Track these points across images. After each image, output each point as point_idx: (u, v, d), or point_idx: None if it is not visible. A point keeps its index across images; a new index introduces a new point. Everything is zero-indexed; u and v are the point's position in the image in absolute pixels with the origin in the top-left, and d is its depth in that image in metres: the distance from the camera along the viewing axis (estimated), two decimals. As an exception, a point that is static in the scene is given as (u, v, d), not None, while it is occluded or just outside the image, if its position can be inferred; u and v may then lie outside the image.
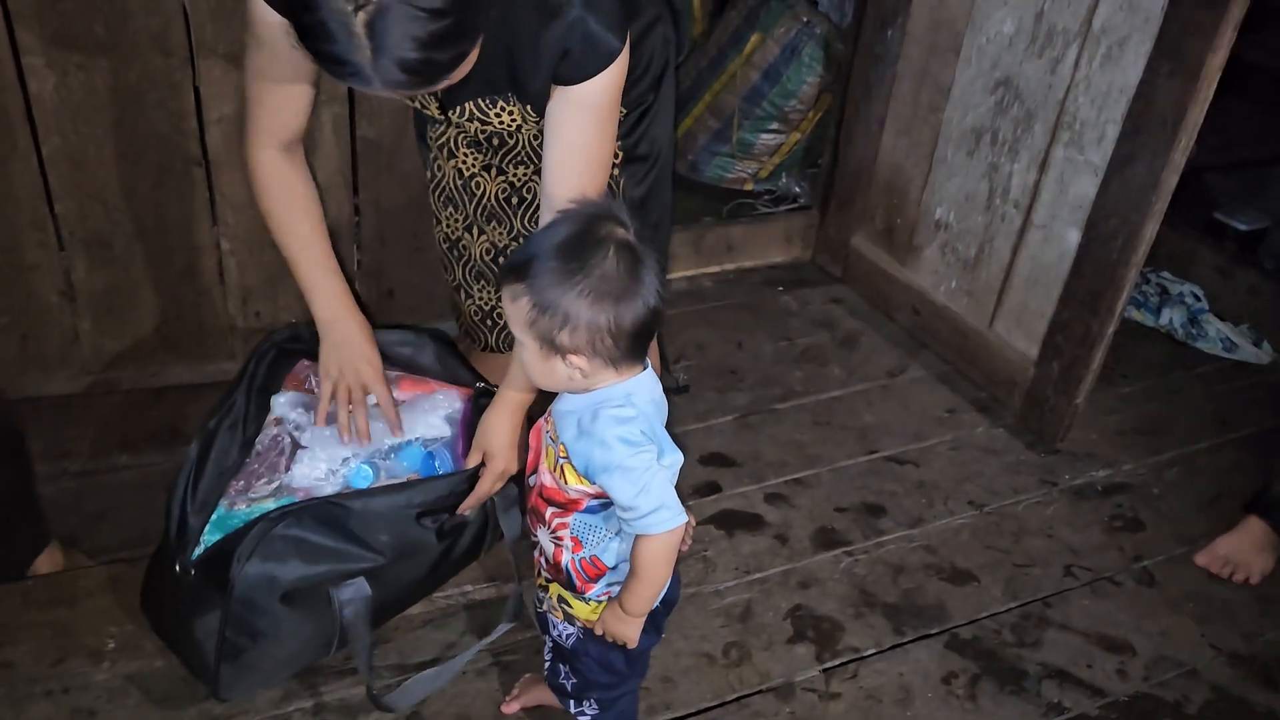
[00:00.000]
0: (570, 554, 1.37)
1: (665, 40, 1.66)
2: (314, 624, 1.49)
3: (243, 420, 1.51)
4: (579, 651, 1.47)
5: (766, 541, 2.07)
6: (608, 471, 1.25)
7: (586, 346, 1.21)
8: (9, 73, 1.88)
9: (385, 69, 1.12)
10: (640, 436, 1.26)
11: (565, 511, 1.35)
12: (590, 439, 1.26)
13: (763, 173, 3.14)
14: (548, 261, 1.20)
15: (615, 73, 1.37)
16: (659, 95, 1.66)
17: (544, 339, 1.22)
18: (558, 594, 1.44)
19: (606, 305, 1.19)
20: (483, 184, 1.66)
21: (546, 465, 1.36)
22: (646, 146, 1.66)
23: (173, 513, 1.47)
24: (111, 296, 2.17)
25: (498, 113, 1.47)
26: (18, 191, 1.99)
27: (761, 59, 3.02)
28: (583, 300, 1.19)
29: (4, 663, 1.62)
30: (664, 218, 1.79)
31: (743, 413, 2.41)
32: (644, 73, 1.61)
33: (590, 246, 1.20)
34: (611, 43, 1.34)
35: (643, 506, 1.25)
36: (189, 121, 2.03)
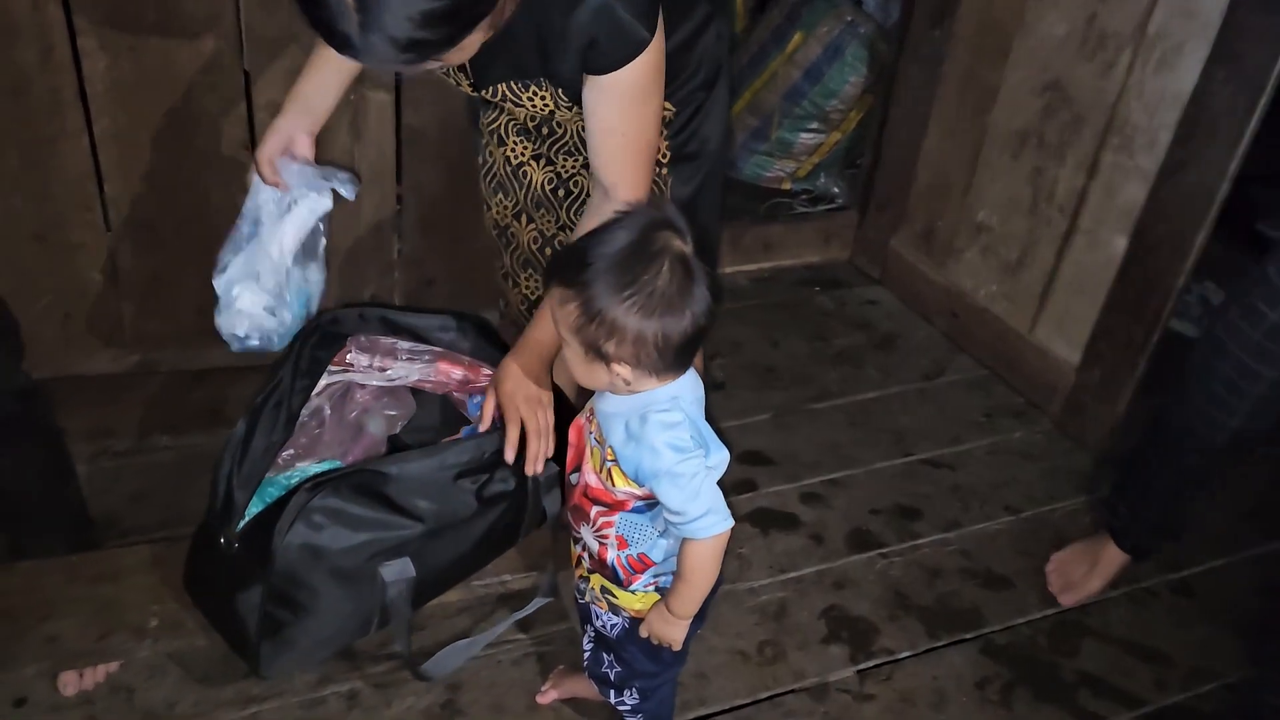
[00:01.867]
0: (615, 551, 1.37)
1: (719, 38, 1.63)
2: (354, 600, 1.50)
3: (287, 399, 1.52)
4: (624, 641, 1.47)
5: (801, 541, 2.07)
6: (657, 478, 1.25)
7: (631, 358, 1.21)
8: (64, 54, 1.90)
9: (374, 43, 1.11)
10: (689, 441, 1.25)
11: (611, 511, 1.35)
12: (640, 445, 1.26)
13: (801, 172, 3.13)
14: (600, 271, 1.19)
15: (646, 61, 1.36)
16: (711, 95, 1.64)
17: (589, 345, 1.22)
18: (600, 585, 1.44)
19: (654, 320, 1.19)
20: (530, 172, 1.66)
21: (592, 466, 1.35)
22: (696, 145, 1.64)
23: (219, 487, 1.48)
24: (154, 278, 2.18)
25: (529, 96, 1.47)
26: (68, 172, 2.01)
27: (803, 57, 3.00)
28: (632, 314, 1.18)
29: (49, 636, 1.63)
30: (712, 219, 1.76)
31: (778, 411, 2.40)
32: (696, 71, 1.59)
33: (645, 259, 1.19)
34: (639, 32, 1.32)
35: (691, 512, 1.25)
36: (238, 105, 2.04)
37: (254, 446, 1.48)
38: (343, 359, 1.61)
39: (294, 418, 1.51)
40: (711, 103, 1.64)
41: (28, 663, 1.61)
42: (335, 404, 1.68)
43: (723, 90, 1.66)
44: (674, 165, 1.63)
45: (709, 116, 1.64)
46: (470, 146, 2.18)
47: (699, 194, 1.67)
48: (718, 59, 1.63)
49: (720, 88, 1.65)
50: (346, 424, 1.69)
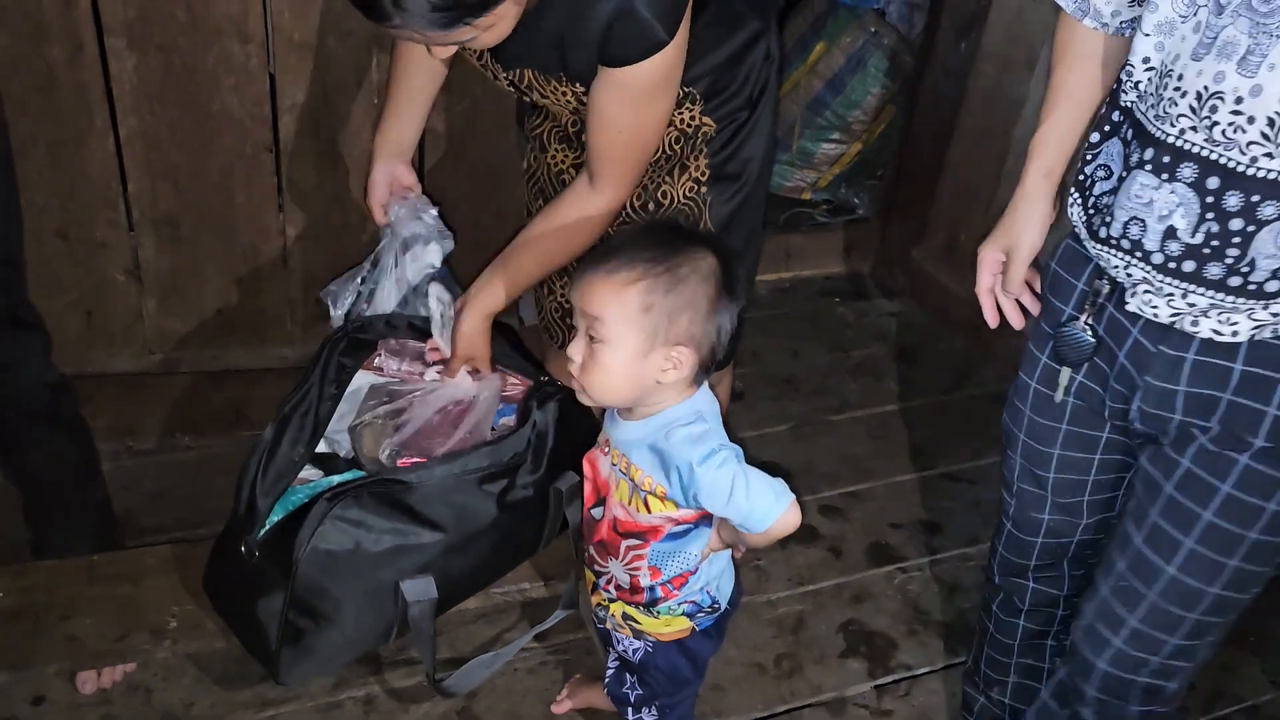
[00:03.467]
0: (649, 580, 1.35)
1: (768, 57, 1.60)
2: (375, 610, 1.50)
3: (315, 406, 1.51)
4: (648, 665, 1.46)
5: (820, 554, 2.06)
6: (700, 492, 1.23)
7: (697, 340, 1.22)
8: (92, 52, 1.90)
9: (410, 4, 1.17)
10: (717, 444, 1.24)
11: (642, 544, 1.33)
12: (671, 462, 1.24)
13: (822, 182, 3.12)
14: (653, 254, 1.21)
15: (661, 63, 1.36)
16: (755, 114, 1.60)
17: (657, 326, 1.20)
18: (622, 611, 1.42)
19: (724, 306, 1.23)
20: (570, 180, 1.66)
21: (618, 499, 1.32)
22: (737, 166, 1.61)
23: (242, 493, 1.48)
24: (176, 277, 2.18)
25: (553, 89, 1.47)
26: (92, 170, 2.02)
27: (826, 68, 3.00)
28: (708, 293, 1.21)
29: (69, 635, 1.64)
30: (751, 242, 1.72)
31: (797, 422, 2.39)
32: (740, 88, 1.57)
33: (684, 246, 1.23)
34: (657, 33, 1.32)
35: (744, 507, 1.22)
36: (263, 107, 2.04)
37: (280, 454, 1.47)
38: (371, 362, 1.61)
39: (321, 426, 1.51)
40: (755, 122, 1.61)
41: (47, 661, 1.62)
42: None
43: (767, 111, 1.62)
44: (713, 184, 1.61)
45: (751, 136, 1.61)
46: (490, 150, 2.19)
47: (737, 214, 1.64)
48: (764, 79, 1.60)
49: (764, 108, 1.61)
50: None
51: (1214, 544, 1.18)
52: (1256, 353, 1.10)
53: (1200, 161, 1.04)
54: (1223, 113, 1.00)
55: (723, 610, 1.42)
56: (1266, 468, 1.13)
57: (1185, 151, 1.05)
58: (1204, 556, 1.19)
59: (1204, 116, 1.02)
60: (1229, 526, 1.16)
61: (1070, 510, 1.38)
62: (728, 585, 1.43)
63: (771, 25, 1.61)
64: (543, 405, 1.56)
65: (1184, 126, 1.04)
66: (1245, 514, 1.15)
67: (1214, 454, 1.15)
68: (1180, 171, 1.05)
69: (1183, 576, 1.20)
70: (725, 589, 1.42)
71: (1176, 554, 1.20)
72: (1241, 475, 1.14)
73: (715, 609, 1.41)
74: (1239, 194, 1.02)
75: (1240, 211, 1.02)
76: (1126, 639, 1.26)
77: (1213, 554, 1.18)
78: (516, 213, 2.23)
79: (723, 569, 1.40)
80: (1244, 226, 1.03)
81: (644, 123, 1.44)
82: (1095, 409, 1.26)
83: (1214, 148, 1.02)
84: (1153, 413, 1.18)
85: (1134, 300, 1.13)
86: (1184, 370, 1.13)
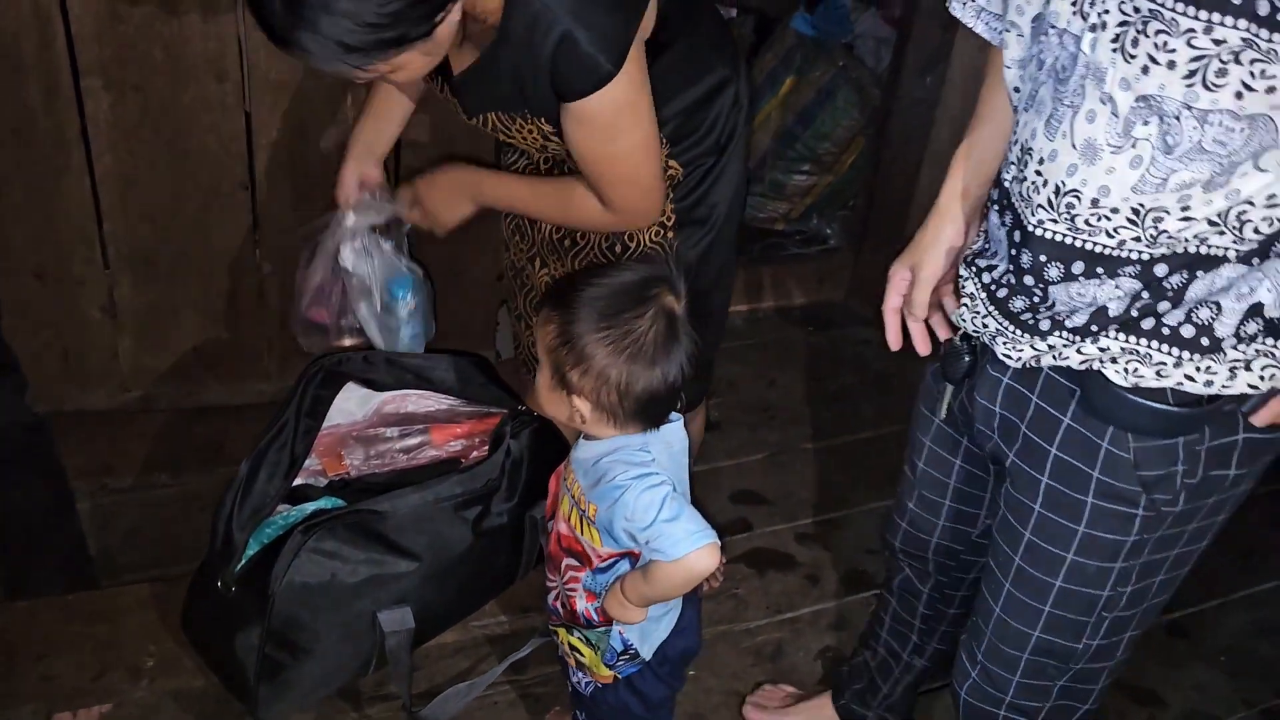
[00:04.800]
0: (584, 603, 1.37)
1: (735, 105, 1.60)
2: (353, 641, 1.50)
3: (291, 442, 1.52)
4: (596, 700, 1.46)
5: (797, 581, 2.07)
6: (629, 512, 1.23)
7: (592, 393, 1.23)
8: (67, 92, 1.91)
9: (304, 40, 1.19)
10: (656, 471, 1.25)
11: (580, 567, 1.35)
12: (607, 482, 1.25)
13: (794, 213, 3.16)
14: (589, 300, 1.22)
15: (616, 92, 1.35)
16: (722, 159, 1.61)
17: (557, 370, 1.24)
18: (568, 642, 1.43)
19: (622, 361, 1.21)
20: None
21: (563, 513, 1.36)
22: (704, 211, 1.61)
23: (218, 529, 1.49)
24: (153, 315, 2.19)
25: (518, 128, 1.49)
26: (69, 208, 2.02)
27: (796, 101, 3.04)
28: (602, 348, 1.21)
29: (44, 676, 1.63)
30: (717, 285, 1.72)
31: (773, 451, 2.41)
32: (706, 134, 1.57)
33: (634, 303, 1.22)
34: (601, 65, 1.32)
35: (665, 529, 1.22)
36: (238, 144, 2.05)
37: (256, 488, 1.48)
38: (337, 465, 1.62)
39: (298, 461, 1.51)
40: (723, 167, 1.61)
41: (23, 702, 1.61)
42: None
43: (736, 156, 1.62)
44: (680, 229, 1.61)
45: (719, 182, 1.61)
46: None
47: (705, 259, 1.65)
48: (733, 125, 1.60)
49: (733, 154, 1.62)
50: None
51: (1024, 587, 1.22)
52: (1047, 386, 1.13)
53: (1013, 211, 1.07)
54: (1030, 169, 1.03)
55: (644, 661, 1.40)
56: (1055, 515, 1.16)
57: (1009, 196, 1.08)
58: (1017, 598, 1.23)
59: (1021, 169, 1.05)
60: (1034, 572, 1.20)
61: (930, 508, 1.43)
62: (657, 636, 1.40)
63: (741, 73, 1.61)
64: (517, 434, 1.57)
65: (1013, 174, 1.07)
66: (1046, 560, 1.19)
67: (1016, 498, 1.19)
68: (1005, 215, 1.09)
69: (1006, 616, 1.25)
70: (651, 639, 1.39)
71: (1001, 594, 1.25)
72: (1036, 520, 1.18)
73: (631, 656, 1.39)
74: (1029, 252, 1.05)
75: (1030, 268, 1.05)
76: (979, 673, 1.31)
77: (1024, 596, 1.22)
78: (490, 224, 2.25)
79: (657, 617, 1.38)
80: (1034, 284, 1.05)
81: (622, 154, 1.43)
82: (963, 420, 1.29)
83: (1020, 202, 1.05)
84: (980, 429, 1.23)
85: (956, 313, 1.19)
86: (999, 392, 1.18)
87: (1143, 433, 1.07)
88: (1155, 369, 1.03)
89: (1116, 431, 1.08)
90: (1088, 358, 1.06)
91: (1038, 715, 1.31)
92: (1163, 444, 1.07)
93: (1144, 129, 0.92)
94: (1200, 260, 0.99)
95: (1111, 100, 0.93)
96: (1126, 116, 0.93)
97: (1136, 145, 0.93)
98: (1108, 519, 1.13)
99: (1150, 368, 1.03)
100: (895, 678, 1.65)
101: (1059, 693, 1.29)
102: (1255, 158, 0.91)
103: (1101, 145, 0.95)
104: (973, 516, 1.40)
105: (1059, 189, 0.99)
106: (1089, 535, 1.14)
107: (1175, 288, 1.00)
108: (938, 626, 1.57)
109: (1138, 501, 1.11)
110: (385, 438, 1.66)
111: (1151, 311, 1.02)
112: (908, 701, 1.70)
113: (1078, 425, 1.10)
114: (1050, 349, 1.08)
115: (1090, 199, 0.98)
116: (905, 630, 1.60)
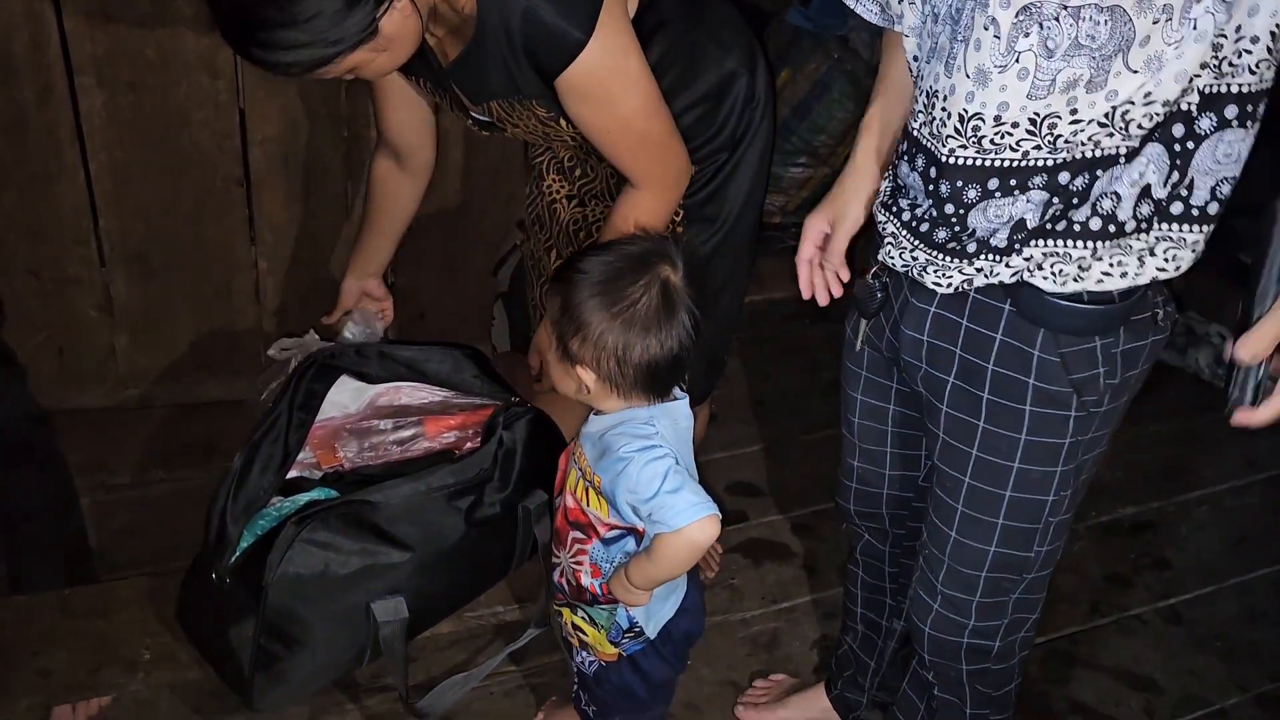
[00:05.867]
0: (590, 578, 1.38)
1: (749, 100, 1.57)
2: (348, 632, 1.51)
3: (284, 435, 1.53)
4: (600, 679, 1.47)
5: (793, 571, 2.08)
6: (632, 483, 1.25)
7: (592, 361, 1.25)
8: (61, 91, 1.92)
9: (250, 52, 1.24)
10: (660, 443, 1.27)
11: (586, 539, 1.36)
12: (612, 454, 1.28)
13: (790, 205, 3.16)
14: (590, 271, 1.25)
15: (597, 58, 1.35)
16: (734, 157, 1.59)
17: (561, 342, 1.27)
18: (571, 621, 1.44)
19: (618, 326, 1.23)
20: (560, 210, 1.69)
21: (569, 486, 1.38)
22: (715, 208, 1.61)
23: (212, 521, 1.49)
24: (149, 313, 2.20)
25: (519, 115, 1.49)
26: (63, 208, 2.03)
27: (791, 95, 3.04)
28: (599, 314, 1.23)
29: (41, 670, 1.64)
30: (730, 283, 1.70)
31: (769, 443, 2.42)
32: (718, 132, 1.56)
33: (633, 272, 1.24)
34: (569, 33, 1.32)
35: (668, 501, 1.24)
36: (232, 141, 2.06)
37: (250, 481, 1.48)
38: (331, 458, 1.62)
39: (291, 453, 1.52)
40: (736, 164, 1.60)
41: (20, 696, 1.61)
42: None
43: (752, 153, 1.60)
44: (690, 225, 1.61)
45: (732, 179, 1.60)
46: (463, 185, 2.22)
47: (716, 257, 1.64)
48: (748, 120, 1.58)
49: (748, 150, 1.60)
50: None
51: (976, 504, 1.27)
52: (976, 309, 1.19)
53: (925, 154, 1.15)
54: (936, 109, 1.11)
55: (649, 639, 1.41)
56: (998, 427, 1.22)
57: (919, 142, 1.15)
58: (970, 516, 1.28)
59: (929, 113, 1.12)
60: (984, 486, 1.26)
61: (875, 460, 1.48)
62: (662, 614, 1.41)
63: (757, 67, 1.59)
64: (510, 425, 1.58)
65: (921, 121, 1.15)
66: (993, 473, 1.25)
67: (957, 419, 1.25)
68: (916, 160, 1.16)
69: (961, 538, 1.30)
70: (657, 617, 1.41)
71: (954, 517, 1.30)
72: (981, 436, 1.23)
73: (636, 633, 1.41)
74: (946, 182, 1.12)
75: (949, 196, 1.12)
76: (941, 602, 1.36)
77: (976, 513, 1.28)
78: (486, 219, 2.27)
79: (662, 596, 1.39)
80: (954, 211, 1.12)
81: (627, 119, 1.43)
82: (888, 359, 1.35)
83: (932, 140, 1.12)
84: (909, 361, 1.28)
85: (881, 252, 1.24)
86: (927, 321, 1.24)
87: (1070, 333, 1.16)
88: (1076, 266, 1.12)
89: (1046, 336, 1.16)
90: (1015, 270, 1.14)
91: (996, 635, 1.37)
92: (1086, 347, 1.16)
93: (1025, 41, 1.02)
94: (1097, 162, 1.08)
95: (995, 23, 1.02)
96: (1009, 34, 1.02)
97: (1020, 59, 1.03)
98: (1046, 424, 1.20)
99: (1071, 265, 1.12)
100: (880, 647, 1.67)
101: (1013, 606, 1.35)
102: (1123, 55, 1.00)
103: (990, 69, 1.04)
104: (916, 459, 1.45)
105: (963, 116, 1.08)
106: (1030, 441, 1.21)
107: (1080, 189, 1.09)
108: (906, 583, 1.58)
109: (1070, 403, 1.19)
110: (379, 430, 1.66)
111: (1064, 216, 1.11)
112: (897, 673, 1.71)
113: (1009, 338, 1.18)
114: (979, 271, 1.15)
115: (993, 116, 1.06)
116: (878, 596, 1.63)
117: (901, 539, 1.55)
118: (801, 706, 1.77)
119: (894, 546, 1.57)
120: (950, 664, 1.41)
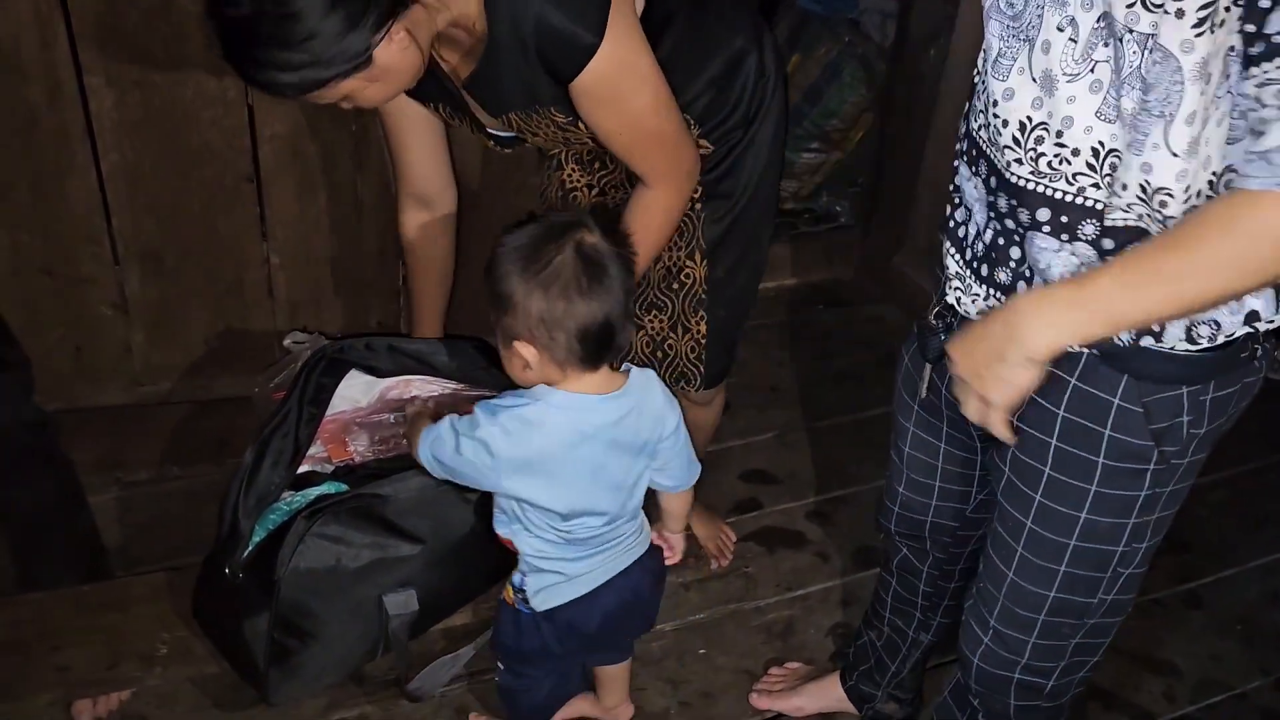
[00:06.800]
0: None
1: (760, 76, 1.58)
2: (361, 625, 1.52)
3: (294, 429, 1.53)
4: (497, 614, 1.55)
5: (808, 559, 2.07)
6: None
7: (526, 332, 1.27)
8: (71, 91, 1.93)
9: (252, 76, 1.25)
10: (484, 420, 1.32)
11: None
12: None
13: (803, 191, 3.15)
14: (507, 248, 1.28)
15: (609, 60, 1.35)
16: (749, 134, 1.60)
17: (497, 321, 1.29)
18: None
19: (539, 291, 1.25)
20: (579, 199, 1.69)
21: None
22: (729, 185, 1.62)
23: (225, 516, 1.50)
24: (163, 310, 2.21)
25: (536, 124, 1.49)
26: (75, 207, 2.04)
27: (803, 79, 3.02)
28: (523, 285, 1.25)
29: (59, 666, 1.65)
30: (742, 262, 1.70)
31: (782, 430, 2.41)
32: (731, 110, 1.57)
33: (549, 240, 1.27)
34: (582, 38, 1.33)
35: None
36: (242, 138, 2.07)
37: (261, 476, 1.49)
38: (342, 452, 1.63)
39: (302, 448, 1.53)
40: (749, 143, 1.60)
41: (40, 692, 1.63)
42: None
43: (765, 131, 1.61)
44: (706, 202, 1.62)
45: (747, 156, 1.61)
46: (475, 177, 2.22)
47: (728, 235, 1.65)
48: (760, 97, 1.59)
49: (761, 127, 1.60)
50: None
51: (1037, 549, 1.20)
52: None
53: (987, 161, 1.07)
54: (989, 115, 1.03)
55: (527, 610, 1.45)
56: (1065, 476, 1.14)
57: (980, 150, 1.07)
58: (1031, 561, 1.21)
59: (987, 119, 1.04)
60: (1047, 534, 1.18)
61: (922, 490, 1.42)
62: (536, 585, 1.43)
63: (764, 42, 1.59)
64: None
65: (979, 124, 1.07)
66: (1058, 521, 1.17)
67: (1022, 461, 1.17)
68: (978, 166, 1.08)
69: (1019, 580, 1.23)
70: (534, 587, 1.43)
71: (1013, 558, 1.23)
72: (1046, 482, 1.16)
73: (521, 596, 1.45)
74: (1005, 196, 1.04)
75: (1008, 213, 1.04)
76: (992, 638, 1.30)
77: (1037, 559, 1.21)
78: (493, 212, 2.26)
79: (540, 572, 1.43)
80: (1015, 226, 1.04)
81: (639, 117, 1.43)
82: (947, 399, 1.27)
83: (990, 148, 1.05)
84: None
85: (948, 294, 1.17)
86: None
87: (1159, 380, 1.05)
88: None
89: (1129, 383, 1.06)
90: None
91: (1052, 675, 1.30)
92: (1172, 394, 1.06)
93: (1104, 50, 0.92)
94: (1135, 235, 0.99)
95: (1074, 24, 0.93)
96: (1088, 39, 0.93)
97: (1096, 69, 0.93)
98: (1120, 476, 1.11)
99: None
100: (903, 655, 1.65)
101: (1073, 650, 1.29)
102: (1166, 124, 0.90)
103: (1058, 75, 0.96)
104: (964, 494, 1.40)
105: (1024, 125, 0.99)
106: (1101, 493, 1.13)
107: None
108: (941, 601, 1.57)
109: (1150, 457, 1.09)
110: (389, 423, 1.67)
111: None
112: (917, 678, 1.70)
113: (1085, 385, 1.08)
114: None
115: (1055, 130, 0.98)
116: (909, 609, 1.60)
117: (941, 562, 1.51)
118: (816, 695, 1.77)
119: (932, 568, 1.53)
120: (998, 696, 1.35)
